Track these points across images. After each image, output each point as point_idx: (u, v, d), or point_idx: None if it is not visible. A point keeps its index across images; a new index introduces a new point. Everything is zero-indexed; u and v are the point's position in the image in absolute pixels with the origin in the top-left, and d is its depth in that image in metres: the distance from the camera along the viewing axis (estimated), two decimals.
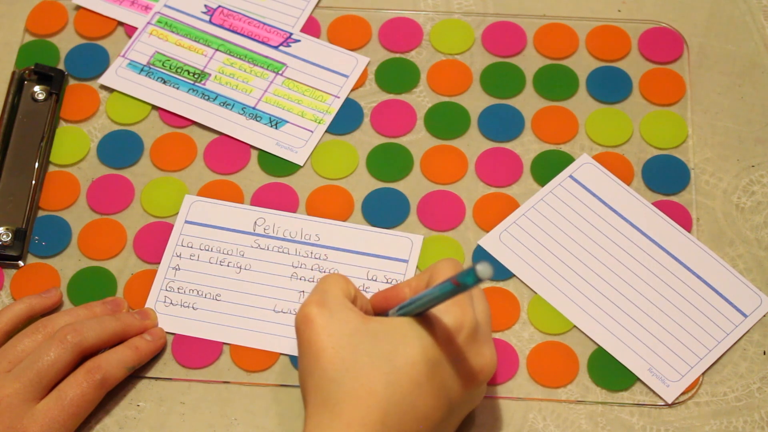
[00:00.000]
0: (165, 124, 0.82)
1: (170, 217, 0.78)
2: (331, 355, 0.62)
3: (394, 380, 0.61)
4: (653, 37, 0.84)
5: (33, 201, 0.78)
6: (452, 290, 0.59)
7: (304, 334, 0.63)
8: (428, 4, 0.86)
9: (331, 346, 0.62)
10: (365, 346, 0.62)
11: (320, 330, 0.62)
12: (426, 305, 0.63)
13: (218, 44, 0.85)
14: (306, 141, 0.81)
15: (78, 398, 0.68)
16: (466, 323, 0.63)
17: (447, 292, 0.60)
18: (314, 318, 0.63)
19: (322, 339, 0.62)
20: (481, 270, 0.56)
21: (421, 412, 0.62)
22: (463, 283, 0.58)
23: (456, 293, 0.60)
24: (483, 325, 0.65)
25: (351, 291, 0.66)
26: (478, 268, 0.56)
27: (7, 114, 0.82)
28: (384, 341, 0.62)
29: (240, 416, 0.72)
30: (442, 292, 0.60)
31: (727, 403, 0.72)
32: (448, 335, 0.63)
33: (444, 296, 0.61)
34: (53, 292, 0.75)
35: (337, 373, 0.61)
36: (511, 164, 0.80)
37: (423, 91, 0.83)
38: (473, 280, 0.57)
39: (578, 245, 0.76)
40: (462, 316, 0.63)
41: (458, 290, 0.59)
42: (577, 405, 0.72)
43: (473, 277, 0.57)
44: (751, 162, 0.80)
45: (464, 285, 0.58)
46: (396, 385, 0.61)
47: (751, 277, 0.75)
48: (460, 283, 0.58)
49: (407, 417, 0.61)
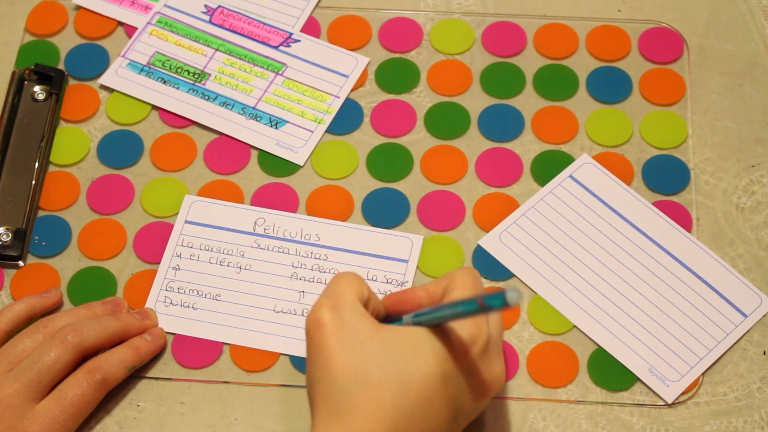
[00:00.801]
0: (165, 124, 0.82)
1: (170, 217, 0.78)
2: (341, 363, 0.60)
3: (405, 393, 0.60)
4: (653, 37, 0.84)
5: (33, 201, 0.78)
6: (476, 310, 0.58)
7: (314, 338, 0.62)
8: (428, 4, 0.86)
9: (342, 353, 0.61)
10: (377, 356, 0.61)
11: (331, 336, 0.61)
12: (445, 320, 0.62)
13: (218, 44, 0.85)
14: (306, 141, 0.81)
15: (78, 398, 0.68)
16: (480, 338, 0.62)
17: (470, 311, 0.59)
18: (326, 323, 0.62)
19: (333, 345, 0.61)
20: (511, 296, 0.55)
21: (429, 424, 0.61)
22: (489, 305, 0.57)
23: (479, 314, 0.59)
24: (495, 339, 0.64)
25: (364, 293, 0.64)
26: (508, 294, 0.55)
27: (7, 114, 0.82)
28: (396, 352, 0.61)
29: (240, 416, 0.72)
30: (465, 310, 0.59)
31: (727, 403, 0.72)
32: (463, 349, 0.62)
33: (466, 315, 0.60)
34: (53, 292, 0.75)
35: (347, 382, 0.60)
36: (511, 164, 0.80)
37: (423, 91, 0.83)
38: (500, 304, 0.56)
39: (578, 245, 0.76)
40: (477, 330, 0.62)
41: (482, 311, 0.58)
42: (577, 405, 0.72)
43: (501, 301, 0.56)
44: (751, 162, 0.80)
45: (490, 308, 0.57)
46: (406, 398, 0.60)
47: (751, 277, 0.75)
48: (486, 305, 0.57)
49: (415, 429, 0.60)
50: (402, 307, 0.66)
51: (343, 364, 0.60)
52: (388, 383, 0.60)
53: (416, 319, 0.63)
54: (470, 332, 0.62)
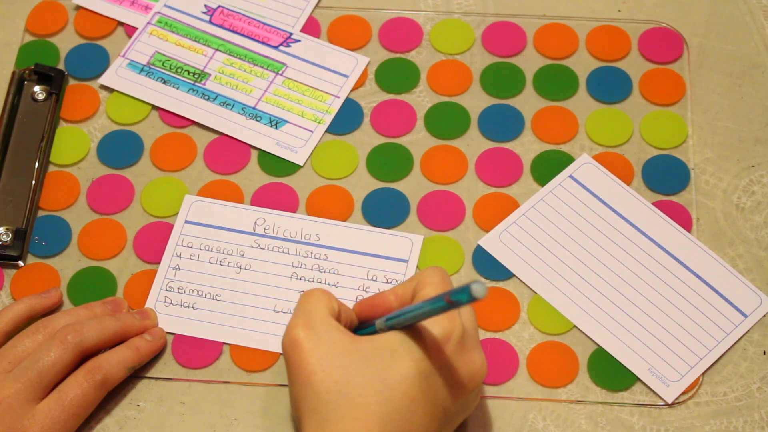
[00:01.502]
0: (165, 124, 0.82)
1: (170, 217, 0.78)
2: (323, 378, 0.61)
3: (389, 397, 0.61)
4: (653, 37, 0.84)
5: (33, 201, 0.78)
6: (444, 307, 0.59)
7: (293, 358, 0.63)
8: (428, 4, 0.86)
9: (321, 369, 0.61)
10: (356, 365, 0.61)
11: (309, 354, 0.62)
12: (416, 319, 0.62)
13: (218, 44, 0.85)
14: (306, 141, 0.81)
15: (78, 398, 0.68)
16: (454, 333, 0.63)
17: (438, 308, 0.60)
18: (302, 342, 0.62)
19: (312, 363, 0.62)
20: (476, 289, 0.56)
21: (417, 425, 0.61)
22: (457, 301, 0.58)
23: (448, 309, 0.60)
24: (470, 331, 0.65)
25: (334, 306, 0.65)
26: (473, 287, 0.56)
27: (7, 114, 0.82)
28: (375, 359, 0.62)
29: (240, 416, 0.72)
30: (433, 308, 0.60)
31: (727, 403, 0.72)
32: (438, 346, 0.62)
33: (435, 312, 0.60)
34: (53, 292, 0.75)
35: (331, 395, 0.61)
36: (511, 164, 0.80)
37: (423, 91, 0.83)
38: (467, 298, 0.57)
39: (578, 245, 0.76)
40: (450, 325, 0.63)
41: (450, 307, 0.59)
42: (577, 405, 0.72)
43: (467, 295, 0.56)
44: (751, 162, 0.80)
45: (458, 303, 0.58)
46: (391, 401, 0.61)
47: (751, 277, 0.75)
48: (454, 301, 0.58)
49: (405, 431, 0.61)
50: (373, 312, 0.66)
51: (324, 379, 0.61)
52: (372, 390, 0.61)
53: (388, 323, 0.64)
54: (443, 328, 0.63)
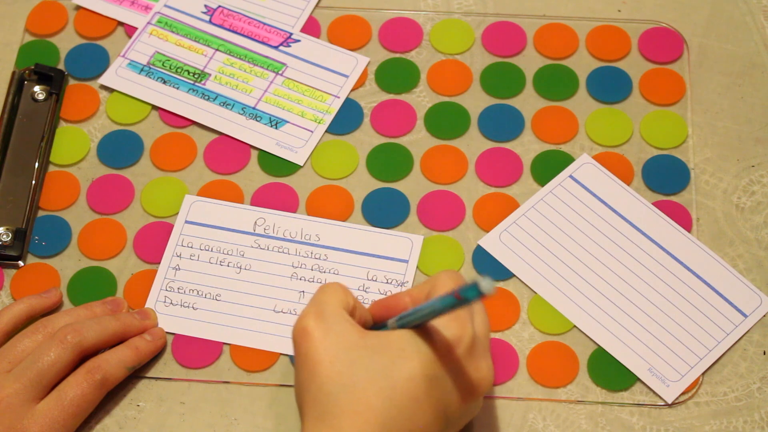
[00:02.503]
0: (165, 124, 0.82)
1: (170, 217, 0.78)
2: (328, 370, 0.61)
3: (392, 395, 0.60)
4: (653, 37, 0.84)
5: (33, 201, 0.78)
6: (454, 303, 0.59)
7: (301, 347, 0.63)
8: (428, 4, 0.86)
9: (328, 360, 0.61)
10: (363, 360, 0.61)
11: (317, 343, 0.62)
12: (426, 317, 0.62)
13: (218, 44, 0.85)
14: (306, 141, 0.81)
15: (78, 398, 0.68)
16: (464, 337, 0.62)
17: (448, 305, 0.59)
18: (311, 331, 0.62)
19: (319, 353, 0.62)
20: (484, 285, 0.55)
21: (418, 425, 0.61)
22: (465, 297, 0.57)
23: (457, 307, 0.59)
24: (481, 339, 0.64)
25: (350, 302, 0.65)
26: (481, 283, 0.55)
27: (7, 114, 0.82)
28: (382, 355, 0.61)
29: (240, 416, 0.72)
30: (443, 305, 0.60)
31: (727, 403, 0.72)
32: (447, 349, 0.62)
33: (445, 309, 0.60)
34: (53, 292, 0.75)
35: (335, 388, 0.61)
36: (511, 164, 0.80)
37: (423, 91, 0.83)
38: (475, 294, 0.56)
39: (578, 245, 0.76)
40: (461, 330, 0.62)
41: (460, 304, 0.59)
42: (577, 405, 0.72)
43: (475, 291, 0.56)
44: (751, 162, 0.80)
45: (466, 299, 0.58)
46: (394, 400, 0.60)
47: (751, 277, 0.75)
48: (462, 297, 0.58)
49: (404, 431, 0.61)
50: (388, 313, 0.66)
51: (329, 370, 0.61)
52: (375, 386, 0.60)
53: (400, 322, 0.64)
54: (454, 332, 0.62)
